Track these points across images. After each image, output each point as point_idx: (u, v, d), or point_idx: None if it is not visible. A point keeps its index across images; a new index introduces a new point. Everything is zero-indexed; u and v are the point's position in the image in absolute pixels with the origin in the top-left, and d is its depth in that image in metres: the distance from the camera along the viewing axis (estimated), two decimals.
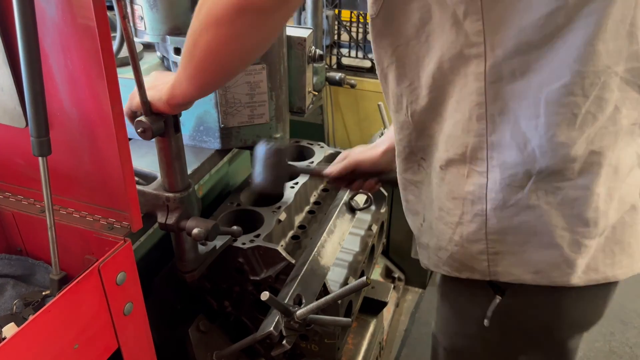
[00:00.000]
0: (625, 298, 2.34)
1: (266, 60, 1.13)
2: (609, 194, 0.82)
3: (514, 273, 0.87)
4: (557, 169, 0.79)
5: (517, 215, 0.83)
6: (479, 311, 0.94)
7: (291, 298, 1.03)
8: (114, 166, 0.59)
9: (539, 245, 0.84)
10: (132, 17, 1.16)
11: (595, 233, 0.83)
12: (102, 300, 0.61)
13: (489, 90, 0.78)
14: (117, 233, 0.64)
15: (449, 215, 0.90)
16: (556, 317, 0.93)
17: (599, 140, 0.79)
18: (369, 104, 2.13)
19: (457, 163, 0.86)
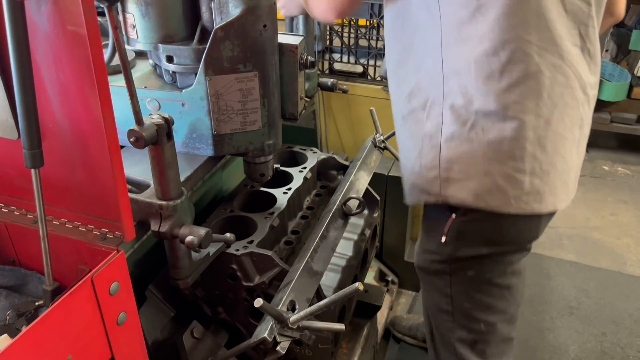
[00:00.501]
0: (617, 298, 2.36)
1: (258, 67, 1.13)
2: (537, 140, 1.04)
3: (459, 196, 1.10)
4: (489, 112, 1.03)
5: (461, 146, 1.07)
6: (439, 230, 1.18)
7: (284, 304, 1.03)
8: (106, 177, 0.59)
9: (477, 174, 1.07)
10: (124, 26, 1.16)
11: (524, 169, 1.06)
12: (96, 310, 0.61)
13: (444, 54, 1.06)
14: (110, 243, 0.65)
15: (410, 152, 1.17)
16: (497, 234, 1.15)
17: (524, 93, 1.01)
18: (361, 108, 2.14)
19: (417, 111, 1.13)
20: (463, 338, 1.30)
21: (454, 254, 1.20)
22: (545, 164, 1.07)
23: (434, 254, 1.24)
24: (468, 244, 1.18)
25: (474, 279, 1.22)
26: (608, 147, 3.88)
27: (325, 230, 1.26)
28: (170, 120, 0.91)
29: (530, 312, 2.29)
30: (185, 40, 1.16)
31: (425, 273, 1.31)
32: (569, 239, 2.83)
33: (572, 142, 1.10)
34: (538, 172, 1.07)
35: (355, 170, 1.50)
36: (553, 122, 1.05)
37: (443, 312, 1.30)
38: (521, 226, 1.15)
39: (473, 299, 1.25)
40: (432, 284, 1.31)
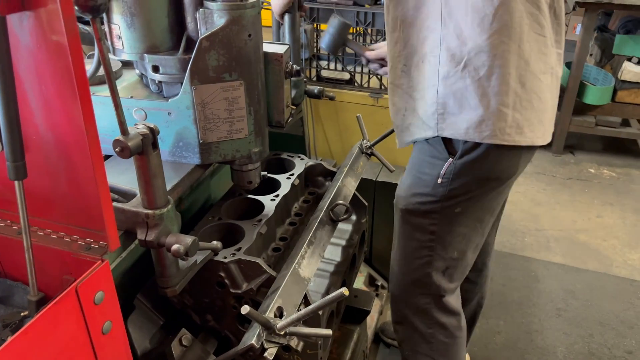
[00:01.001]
0: (603, 300, 2.39)
1: (243, 76, 1.15)
2: (518, 77, 1.22)
3: (453, 129, 1.27)
4: (480, 51, 1.19)
5: (455, 84, 1.24)
6: (435, 172, 1.36)
7: (272, 310, 1.04)
8: (89, 187, 0.60)
9: (468, 108, 1.24)
10: (110, 36, 1.17)
11: (507, 103, 1.22)
12: (80, 320, 0.62)
13: (443, 1, 1.21)
14: (94, 253, 0.65)
15: (422, 91, 1.32)
16: (485, 171, 1.32)
17: (508, 36, 1.18)
18: (348, 115, 2.16)
19: (427, 55, 1.28)
20: (438, 266, 1.49)
21: (447, 194, 1.37)
22: (524, 100, 1.25)
23: (426, 195, 1.40)
24: (461, 184, 1.35)
25: (459, 214, 1.40)
26: (594, 150, 3.93)
27: (312, 237, 1.27)
28: (155, 130, 0.92)
29: (518, 315, 2.31)
30: (170, 50, 1.17)
31: (412, 215, 1.46)
32: (556, 242, 2.86)
33: (546, 85, 1.28)
34: (518, 107, 1.24)
35: (342, 177, 1.51)
36: (531, 64, 1.23)
37: (425, 247, 1.48)
38: (504, 162, 1.33)
39: (454, 232, 1.43)
40: (416, 225, 1.47)
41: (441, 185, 1.36)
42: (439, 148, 1.34)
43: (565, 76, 3.77)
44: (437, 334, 1.60)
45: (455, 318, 1.60)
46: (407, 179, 1.48)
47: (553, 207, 3.21)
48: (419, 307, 1.57)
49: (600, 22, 4.20)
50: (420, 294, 1.55)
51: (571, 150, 3.91)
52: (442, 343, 1.61)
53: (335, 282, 1.45)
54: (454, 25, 1.21)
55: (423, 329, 1.60)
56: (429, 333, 1.60)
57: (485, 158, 1.30)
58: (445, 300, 1.55)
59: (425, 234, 1.45)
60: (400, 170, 2.15)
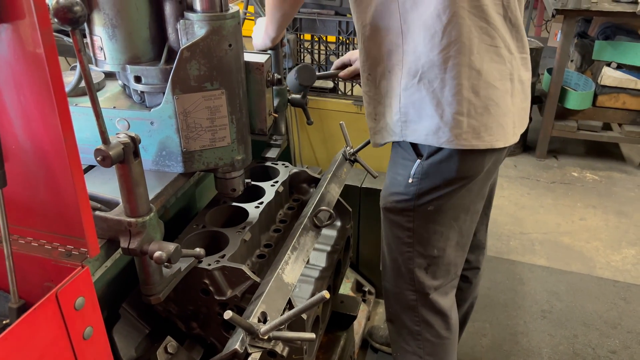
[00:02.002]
0: (587, 301, 2.43)
1: (225, 85, 1.17)
2: (471, 87, 1.29)
3: (414, 135, 1.37)
4: (432, 65, 1.28)
5: (413, 95, 1.33)
6: (406, 173, 1.44)
7: (255, 316, 1.05)
8: (69, 195, 0.61)
9: (426, 117, 1.33)
10: (92, 48, 1.18)
11: (461, 111, 1.30)
12: (61, 325, 0.63)
13: (402, 19, 1.29)
14: (75, 259, 0.66)
15: (389, 99, 1.40)
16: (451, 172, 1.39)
17: (457, 50, 1.26)
18: (332, 122, 2.19)
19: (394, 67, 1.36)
20: (420, 263, 1.56)
21: (418, 192, 1.45)
22: (479, 107, 1.32)
23: (401, 194, 1.48)
24: (430, 183, 1.43)
25: (432, 212, 1.47)
26: (576, 154, 4.00)
27: (296, 242, 1.28)
28: (136, 139, 0.93)
29: (504, 317, 2.34)
30: (152, 61, 1.19)
31: (390, 213, 1.55)
32: (541, 245, 2.90)
33: (504, 91, 1.35)
34: (473, 114, 1.32)
35: (326, 183, 1.54)
36: (483, 73, 1.30)
37: (404, 244, 1.55)
38: (467, 163, 1.39)
39: (430, 229, 1.50)
40: (395, 222, 1.55)
41: (412, 184, 1.44)
42: (408, 150, 1.43)
43: (547, 82, 3.84)
44: (424, 332, 1.63)
45: (442, 318, 1.63)
46: (387, 179, 1.58)
47: (537, 210, 3.25)
48: (407, 303, 1.62)
49: (580, 28, 4.29)
50: (407, 290, 1.61)
51: (554, 154, 3.98)
52: (429, 342, 1.64)
53: (321, 287, 1.46)
54: (411, 40, 1.30)
55: (411, 326, 1.64)
56: (416, 330, 1.64)
57: (448, 160, 1.38)
58: (431, 298, 1.59)
59: (404, 231, 1.53)
60: (384, 176, 2.18)
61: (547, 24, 5.58)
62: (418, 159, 1.42)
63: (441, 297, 1.62)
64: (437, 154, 1.38)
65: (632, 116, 3.75)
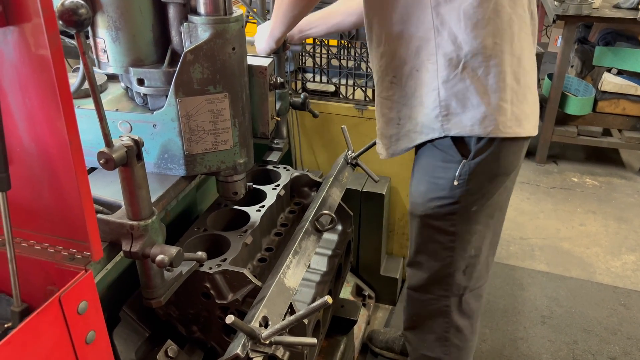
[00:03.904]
0: (587, 307, 2.43)
1: (228, 89, 1.16)
2: (513, 74, 1.31)
3: (458, 127, 1.35)
4: (476, 53, 1.28)
5: (455, 86, 1.31)
6: (450, 175, 1.41)
7: (257, 320, 1.04)
8: (73, 198, 0.61)
9: (471, 106, 1.32)
10: (95, 50, 1.18)
11: (506, 98, 1.31)
12: (64, 330, 0.62)
13: (434, 12, 1.28)
14: (78, 263, 0.66)
15: (421, 97, 1.38)
16: (496, 166, 1.40)
17: (500, 36, 1.27)
18: (333, 126, 2.19)
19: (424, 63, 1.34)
20: (459, 266, 1.54)
21: (464, 194, 1.43)
22: (520, 95, 1.34)
23: (444, 199, 1.45)
24: (477, 183, 1.41)
25: (475, 212, 1.46)
26: (576, 160, 4.01)
27: (297, 247, 1.28)
28: (139, 142, 0.93)
29: (504, 323, 2.33)
30: (155, 64, 1.18)
31: (431, 219, 1.51)
32: (541, 250, 2.90)
33: (534, 80, 1.39)
34: (515, 101, 1.33)
35: (327, 187, 1.53)
36: (523, 60, 1.32)
37: (446, 249, 1.52)
38: (509, 156, 1.41)
39: (471, 230, 1.49)
40: (436, 228, 1.51)
41: (457, 187, 1.42)
42: (451, 152, 1.40)
43: (547, 87, 3.84)
44: (453, 338, 1.63)
45: (470, 321, 1.63)
46: (421, 186, 1.52)
47: (537, 215, 3.25)
48: (439, 309, 1.60)
49: (581, 34, 4.30)
50: (442, 296, 1.59)
51: (554, 159, 3.98)
52: (456, 347, 1.64)
53: (321, 291, 1.46)
54: (447, 32, 1.28)
55: (439, 332, 1.63)
56: (444, 336, 1.63)
57: (495, 154, 1.37)
58: (465, 300, 1.59)
59: (446, 235, 1.51)
60: (384, 181, 2.18)
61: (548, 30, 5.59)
62: (463, 159, 1.39)
63: (474, 299, 1.62)
64: (485, 151, 1.37)
65: (632, 122, 3.76)
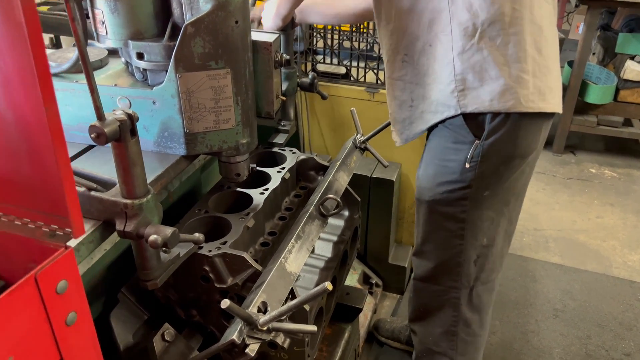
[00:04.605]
0: (602, 301, 2.36)
1: (230, 64, 1.12)
2: (534, 43, 1.22)
3: (476, 103, 1.24)
4: (494, 21, 1.19)
5: (472, 57, 1.22)
6: (461, 158, 1.32)
7: (255, 305, 1.01)
8: (52, 170, 0.57)
9: (489, 79, 1.22)
10: (93, 22, 1.14)
11: (527, 69, 1.22)
12: (41, 309, 0.59)
13: None
14: (58, 240, 0.62)
15: (435, 73, 1.29)
16: (512, 147, 1.29)
17: (520, 3, 1.18)
18: (344, 109, 2.13)
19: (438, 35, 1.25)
20: (470, 256, 1.44)
21: (476, 177, 1.33)
22: (542, 67, 1.24)
23: (454, 183, 1.36)
24: (490, 165, 1.32)
25: (487, 197, 1.36)
26: (595, 150, 3.89)
27: (301, 231, 1.23)
28: (134, 117, 0.89)
29: (515, 315, 2.27)
30: (156, 37, 1.14)
31: (440, 205, 1.41)
32: (555, 242, 2.82)
33: (556, 52, 1.30)
34: (538, 73, 1.23)
35: (334, 171, 1.48)
36: (544, 29, 1.23)
37: (456, 237, 1.43)
38: (528, 136, 1.31)
39: (483, 216, 1.39)
40: (445, 214, 1.42)
41: (469, 169, 1.32)
42: (462, 132, 1.30)
43: (567, 75, 3.72)
44: (461, 332, 1.55)
45: (480, 315, 1.55)
46: (429, 169, 1.42)
47: (552, 206, 3.17)
48: (448, 301, 1.52)
49: (604, 20, 4.16)
50: (452, 287, 1.51)
51: (572, 150, 3.87)
52: (464, 342, 1.56)
53: (325, 278, 1.42)
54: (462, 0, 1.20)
55: (447, 326, 1.55)
56: (452, 330, 1.55)
57: (511, 134, 1.28)
58: (475, 293, 1.50)
59: (456, 223, 1.41)
60: (395, 167, 2.12)
61: (569, 16, 5.43)
62: (476, 140, 1.29)
63: (486, 292, 1.52)
64: (499, 130, 1.26)
65: None
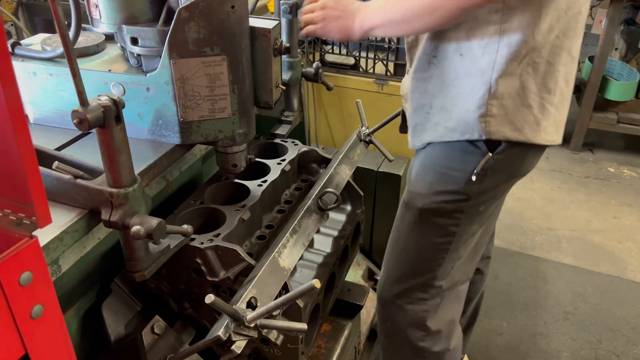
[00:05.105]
0: (615, 305, 2.28)
1: (226, 51, 1.08)
2: (565, 74, 1.16)
3: (502, 131, 1.16)
4: (540, 47, 1.10)
5: (512, 83, 1.13)
6: (467, 169, 1.22)
7: (244, 301, 0.97)
8: (14, 155, 0.54)
9: (520, 105, 1.14)
10: (87, 6, 1.11)
11: (553, 101, 1.16)
12: (2, 301, 0.56)
13: None
14: (24, 229, 0.59)
15: (463, 90, 1.17)
16: (519, 166, 1.24)
17: (564, 32, 1.11)
18: (351, 101, 2.08)
19: (469, 48, 1.14)
20: (446, 267, 1.38)
21: (479, 191, 1.25)
22: (565, 98, 1.20)
23: (454, 193, 1.27)
24: (495, 181, 1.24)
25: (481, 212, 1.31)
26: (614, 148, 3.78)
27: (297, 225, 1.20)
28: (119, 102, 0.86)
29: (523, 317, 2.21)
30: (150, 22, 1.11)
31: (433, 215, 1.32)
32: (568, 242, 2.74)
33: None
34: (560, 105, 1.19)
35: (336, 164, 1.44)
36: (575, 59, 1.18)
37: (440, 250, 1.35)
38: (534, 159, 1.27)
39: (469, 230, 1.33)
40: (435, 225, 1.33)
41: (475, 182, 1.23)
42: (476, 143, 1.21)
43: (587, 70, 3.61)
44: (431, 346, 1.48)
45: (448, 327, 1.49)
46: (428, 176, 1.31)
47: (567, 206, 3.08)
48: (416, 315, 1.45)
49: (628, 15, 4.02)
50: (419, 299, 1.43)
51: (590, 147, 3.76)
52: (434, 355, 1.49)
53: (323, 274, 1.38)
54: (519, 19, 1.08)
55: (415, 342, 1.47)
56: (421, 347, 1.47)
57: (521, 154, 1.23)
58: (442, 306, 1.44)
59: (444, 236, 1.33)
60: (402, 161, 2.06)
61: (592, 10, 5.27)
62: (489, 153, 1.19)
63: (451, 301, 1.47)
64: (511, 149, 1.19)
65: None
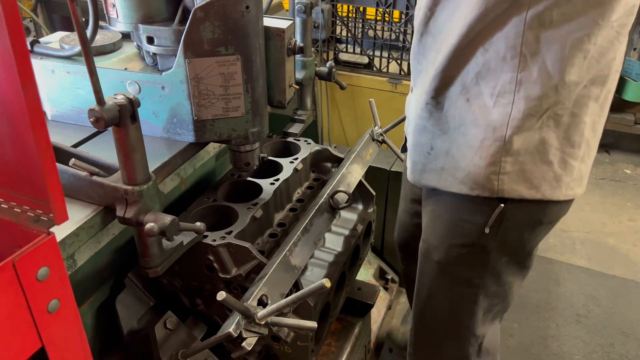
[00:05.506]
0: (629, 308, 2.25)
1: (240, 51, 1.09)
2: (592, 125, 1.04)
3: (517, 189, 1.05)
4: (562, 100, 0.97)
5: (529, 138, 1.00)
6: (479, 221, 1.11)
7: (255, 298, 0.98)
8: (32, 153, 0.55)
9: (538, 162, 1.02)
10: (105, 5, 1.13)
11: (577, 155, 1.04)
12: (20, 296, 0.57)
13: (526, 35, 0.93)
14: (41, 226, 0.61)
15: (472, 140, 1.05)
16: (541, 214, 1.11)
17: (595, 79, 0.98)
18: (365, 100, 2.08)
19: (477, 94, 1.01)
20: (479, 317, 1.27)
21: (497, 243, 1.15)
22: (592, 148, 1.08)
23: (469, 246, 1.17)
24: (513, 231, 1.13)
25: (507, 263, 1.19)
26: (631, 150, 3.72)
27: (308, 224, 1.20)
28: (135, 101, 0.87)
29: (535, 319, 2.20)
30: (166, 21, 1.12)
31: (453, 266, 1.23)
32: (582, 244, 2.71)
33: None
34: (585, 157, 1.07)
35: (348, 163, 1.44)
36: (605, 108, 1.05)
37: (468, 302, 1.25)
38: (561, 209, 1.14)
39: (500, 282, 1.22)
40: (459, 278, 1.24)
41: (487, 235, 1.12)
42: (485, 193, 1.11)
43: None
44: None
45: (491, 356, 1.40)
46: (438, 226, 1.22)
47: (582, 207, 3.05)
48: None
49: None
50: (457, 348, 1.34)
51: (606, 149, 3.71)
52: None
53: (333, 272, 1.39)
54: (539, 68, 0.95)
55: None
56: None
57: (541, 208, 1.11)
58: (484, 347, 1.35)
59: (469, 287, 1.23)
60: None
61: None
62: (501, 204, 1.08)
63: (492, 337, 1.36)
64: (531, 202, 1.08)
65: None
